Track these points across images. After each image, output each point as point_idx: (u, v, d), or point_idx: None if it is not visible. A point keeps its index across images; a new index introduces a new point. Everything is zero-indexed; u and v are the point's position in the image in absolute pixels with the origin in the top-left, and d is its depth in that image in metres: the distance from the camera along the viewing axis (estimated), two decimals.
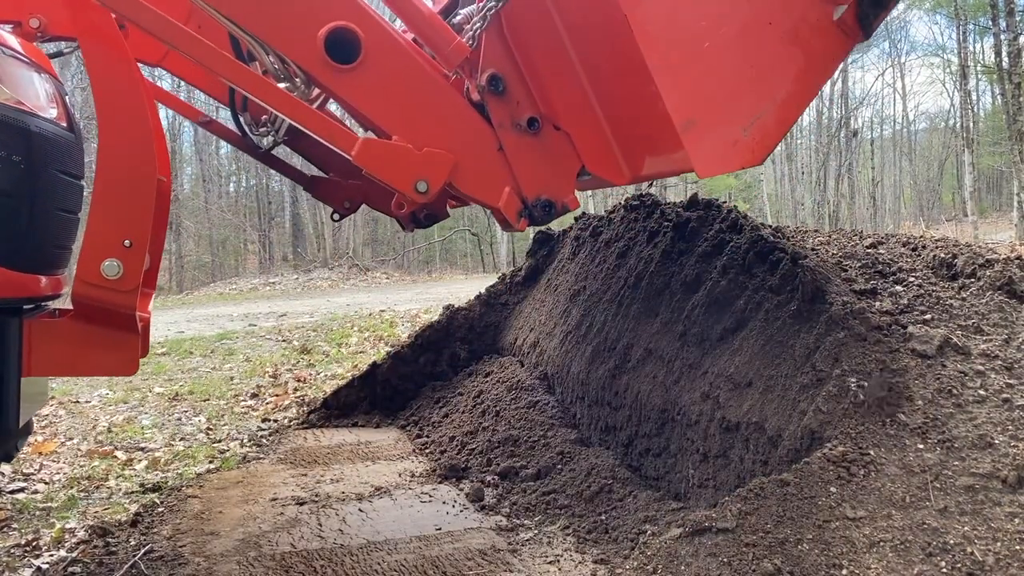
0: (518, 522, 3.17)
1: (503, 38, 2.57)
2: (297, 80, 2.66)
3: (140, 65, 3.81)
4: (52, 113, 2.48)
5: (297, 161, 6.84)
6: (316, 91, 2.99)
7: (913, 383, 2.38)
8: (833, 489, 2.14)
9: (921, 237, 3.74)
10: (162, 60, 3.85)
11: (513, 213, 2.61)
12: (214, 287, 25.53)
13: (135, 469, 4.38)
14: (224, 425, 5.38)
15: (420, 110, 2.53)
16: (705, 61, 2.27)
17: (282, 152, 5.09)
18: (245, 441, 4.86)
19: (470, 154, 2.56)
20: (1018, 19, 17.65)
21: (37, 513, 3.69)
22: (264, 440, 4.80)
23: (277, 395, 6.27)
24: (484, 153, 2.58)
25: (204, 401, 6.25)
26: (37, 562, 3.07)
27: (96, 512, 3.67)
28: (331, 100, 3.59)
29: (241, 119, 4.03)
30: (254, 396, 6.32)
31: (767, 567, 2.02)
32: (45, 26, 3.33)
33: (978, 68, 30.60)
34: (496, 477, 3.66)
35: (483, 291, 5.85)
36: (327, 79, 2.46)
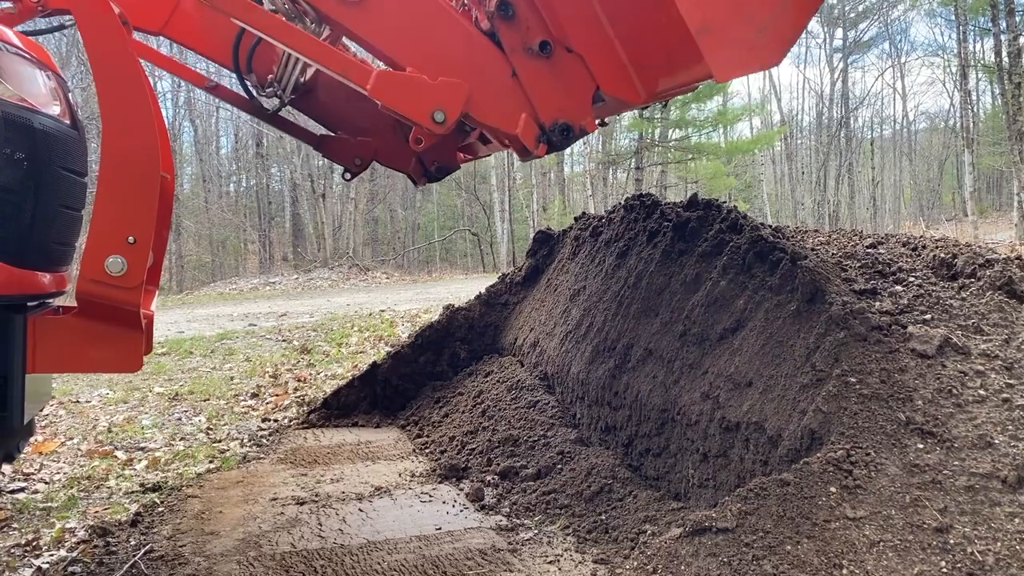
0: (518, 522, 3.17)
1: None
2: (308, 19, 2.67)
3: (143, 34, 3.79)
4: (55, 110, 2.48)
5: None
6: (326, 32, 3.00)
7: (913, 383, 2.38)
8: (833, 489, 2.14)
9: (921, 237, 3.74)
10: (163, 28, 3.82)
11: (531, 139, 2.61)
12: (214, 287, 25.51)
13: (135, 469, 4.38)
14: (224, 425, 5.38)
15: (432, 40, 2.54)
16: None
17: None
18: (245, 441, 4.86)
19: (484, 82, 2.56)
20: (1018, 19, 17.66)
21: (37, 513, 3.68)
22: (264, 440, 4.80)
23: (277, 395, 6.27)
24: (498, 80, 2.58)
25: (204, 401, 6.25)
26: (37, 562, 3.07)
27: (96, 512, 3.67)
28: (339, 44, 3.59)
29: (247, 81, 4.00)
30: (254, 396, 6.31)
31: (767, 567, 2.02)
32: (44, 0, 3.34)
33: (978, 68, 30.62)
34: (496, 477, 3.67)
35: (483, 291, 5.85)
36: (338, 14, 2.46)
